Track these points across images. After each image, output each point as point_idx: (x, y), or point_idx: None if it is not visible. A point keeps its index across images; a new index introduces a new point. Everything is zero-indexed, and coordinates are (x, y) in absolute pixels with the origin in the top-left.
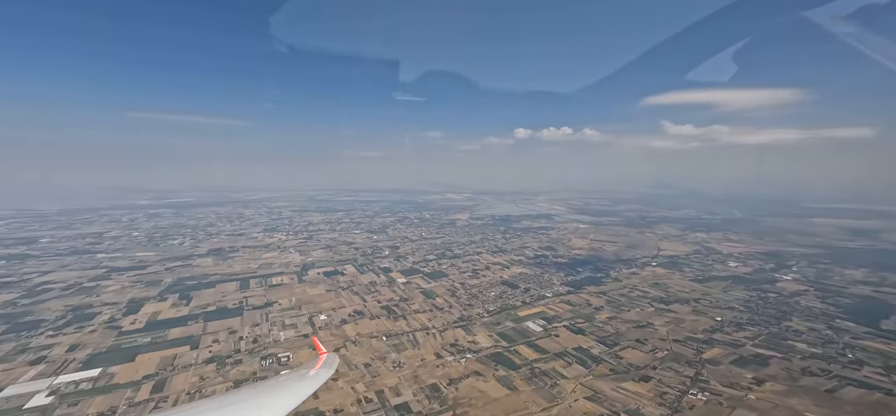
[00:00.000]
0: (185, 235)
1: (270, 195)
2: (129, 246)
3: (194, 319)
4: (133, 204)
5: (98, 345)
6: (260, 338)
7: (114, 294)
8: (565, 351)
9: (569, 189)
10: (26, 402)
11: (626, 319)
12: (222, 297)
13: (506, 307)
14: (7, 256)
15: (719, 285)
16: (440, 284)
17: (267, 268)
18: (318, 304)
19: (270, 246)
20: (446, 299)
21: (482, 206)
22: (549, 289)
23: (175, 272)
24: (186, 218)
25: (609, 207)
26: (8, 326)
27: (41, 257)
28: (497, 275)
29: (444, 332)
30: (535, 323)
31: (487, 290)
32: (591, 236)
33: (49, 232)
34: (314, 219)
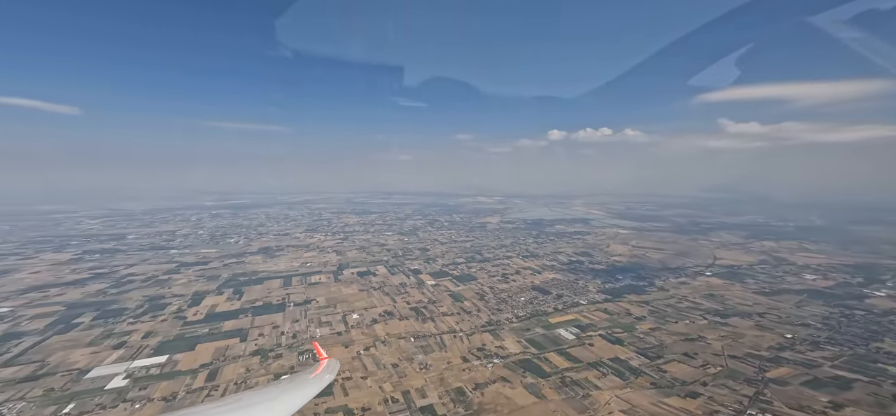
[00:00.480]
0: (240, 234)
1: (312, 198)
2: (195, 243)
3: (244, 312)
4: (200, 205)
5: (167, 333)
6: (298, 334)
7: (181, 287)
8: (600, 361)
9: (607, 193)
10: (107, 383)
11: (673, 331)
12: (268, 293)
13: (536, 313)
14: (101, 250)
15: (791, 299)
16: (469, 287)
17: (307, 267)
18: (351, 303)
19: (311, 246)
20: (474, 302)
21: (513, 209)
22: (583, 296)
23: (231, 268)
24: (242, 218)
25: (654, 211)
26: (98, 312)
27: (127, 252)
28: (527, 280)
29: (472, 336)
30: (568, 331)
31: (517, 295)
32: (632, 242)
33: (134, 230)
34: (350, 220)
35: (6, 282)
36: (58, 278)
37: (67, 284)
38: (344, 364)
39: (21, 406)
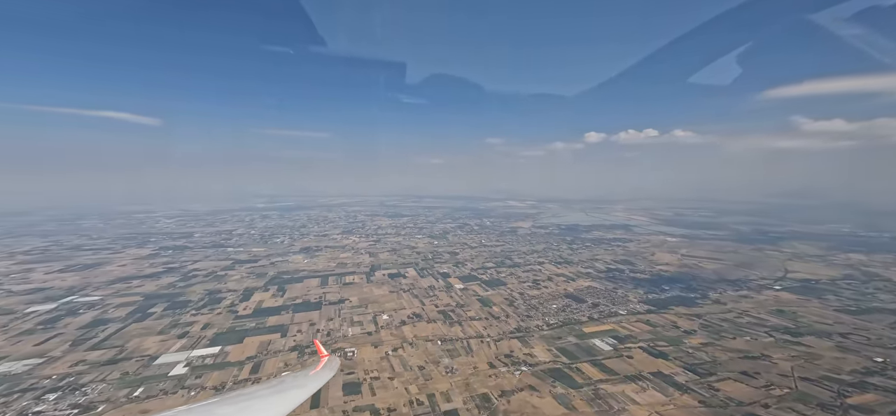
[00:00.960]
0: (285, 234)
1: (348, 200)
2: (247, 242)
3: (286, 309)
4: (252, 207)
5: (221, 326)
6: (332, 332)
7: (235, 283)
8: (639, 375)
9: (652, 198)
10: (171, 370)
11: (730, 347)
12: (307, 291)
13: (569, 322)
14: (173, 247)
15: (884, 319)
16: (498, 292)
17: (342, 267)
18: (381, 304)
19: (346, 247)
20: (503, 308)
21: (546, 214)
22: (623, 306)
23: (276, 267)
24: (287, 219)
25: (710, 218)
26: (168, 304)
27: (193, 249)
28: (560, 287)
29: (499, 342)
30: (604, 341)
31: (549, 302)
32: (682, 250)
33: (200, 228)
34: (383, 223)
35: (99, 273)
36: (139, 271)
37: (146, 276)
38: (372, 364)
39: (102, 387)
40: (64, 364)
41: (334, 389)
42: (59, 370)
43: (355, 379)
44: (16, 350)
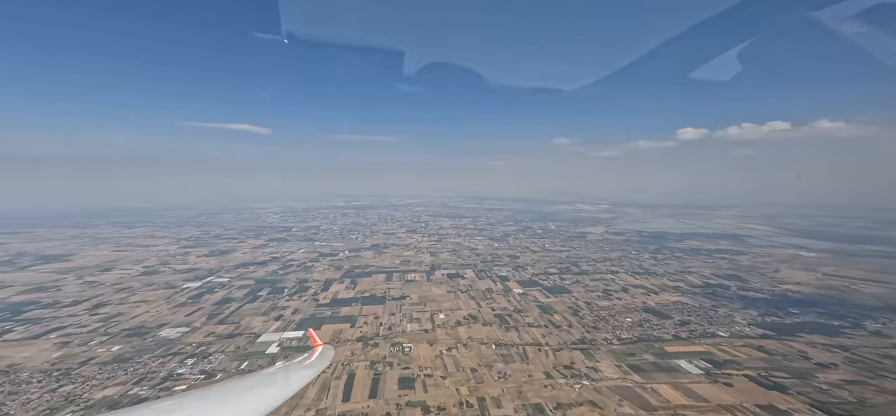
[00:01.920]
0: (359, 231)
1: (413, 201)
2: (330, 237)
3: (356, 302)
4: (335, 205)
5: (306, 312)
6: (393, 327)
7: (318, 273)
8: (740, 406)
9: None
10: (267, 348)
11: (890, 390)
12: (374, 285)
13: (646, 338)
14: (277, 239)
15: None
16: (560, 300)
17: (405, 265)
18: (439, 303)
19: (410, 246)
20: (566, 316)
21: (624, 219)
22: (724, 327)
23: (351, 261)
24: (362, 218)
25: (871, 230)
26: (271, 289)
27: (291, 242)
28: (638, 299)
29: (559, 352)
30: (692, 363)
31: (622, 315)
32: (825, 268)
33: (296, 224)
34: (444, 224)
35: (229, 259)
36: (254, 258)
37: (258, 264)
38: (427, 361)
39: (221, 358)
40: (200, 335)
41: (391, 381)
42: (196, 339)
43: (410, 374)
44: (173, 319)
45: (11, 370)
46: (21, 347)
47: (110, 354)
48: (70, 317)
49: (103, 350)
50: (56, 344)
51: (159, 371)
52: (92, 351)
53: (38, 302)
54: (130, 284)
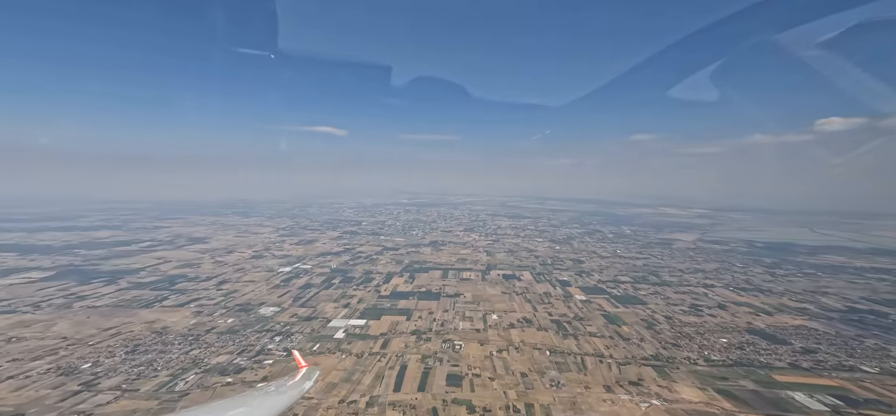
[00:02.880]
0: (419, 228)
1: (472, 199)
2: (393, 233)
3: (412, 296)
4: (398, 202)
5: (369, 302)
6: (445, 323)
7: (382, 266)
8: None
9: None
10: (335, 333)
11: None
12: (430, 281)
13: (745, 362)
14: (350, 232)
15: None
16: (632, 311)
17: (461, 263)
18: (492, 303)
19: (467, 244)
20: (637, 329)
21: (727, 226)
22: (871, 360)
23: (411, 256)
24: (422, 215)
25: None
26: (342, 278)
27: (361, 235)
28: (740, 318)
29: (625, 366)
30: (812, 397)
31: (714, 334)
32: None
33: (367, 219)
34: (502, 223)
35: (312, 248)
36: (331, 248)
37: (334, 254)
38: (476, 361)
39: (300, 338)
40: (287, 315)
41: (439, 377)
42: (283, 318)
43: (459, 372)
44: (269, 299)
45: (164, 331)
46: (172, 312)
47: (226, 325)
48: (204, 290)
49: (221, 321)
50: (193, 312)
51: (256, 345)
52: (214, 321)
53: (185, 276)
54: (244, 265)
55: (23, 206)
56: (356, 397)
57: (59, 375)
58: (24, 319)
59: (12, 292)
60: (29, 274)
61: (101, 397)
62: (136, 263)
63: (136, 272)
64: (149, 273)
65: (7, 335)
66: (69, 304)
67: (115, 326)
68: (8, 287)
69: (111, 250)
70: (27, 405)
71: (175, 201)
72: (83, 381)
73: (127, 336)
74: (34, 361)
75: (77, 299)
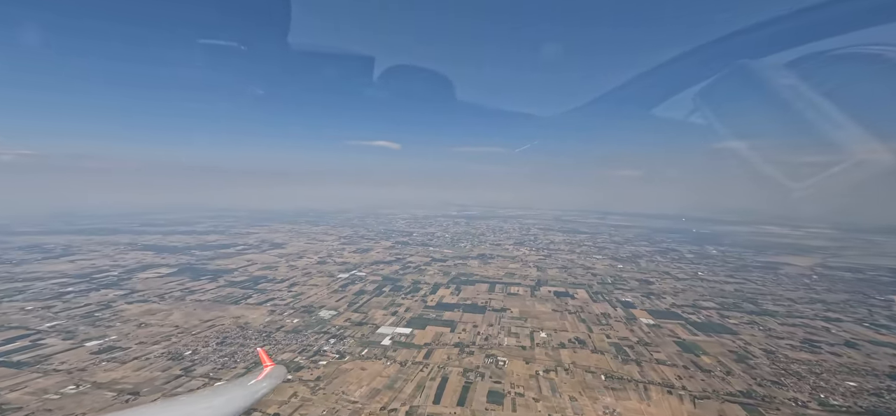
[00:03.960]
0: (467, 240)
1: (523, 213)
2: (441, 244)
3: (458, 307)
4: (448, 214)
5: (415, 311)
6: (490, 338)
7: (429, 277)
8: None
9: None
10: (382, 340)
11: None
12: (476, 294)
13: (882, 411)
14: (401, 242)
15: None
16: (716, 340)
17: (509, 277)
18: (541, 320)
19: (516, 258)
20: (723, 361)
21: (865, 251)
22: None
23: (458, 268)
24: (471, 227)
25: None
26: (391, 286)
27: (411, 246)
28: (879, 361)
29: (702, 400)
30: None
31: (836, 375)
32: None
33: (416, 230)
34: (556, 239)
35: (368, 256)
36: (383, 257)
37: (386, 262)
38: (520, 379)
39: (350, 342)
40: (342, 319)
41: (480, 392)
42: (338, 322)
43: (501, 389)
44: (328, 302)
45: (245, 327)
46: (253, 309)
47: (291, 325)
48: (278, 291)
49: (289, 321)
50: (268, 311)
51: (314, 346)
52: (283, 320)
53: (265, 277)
54: (310, 270)
55: (163, 212)
56: (397, 405)
57: (168, 359)
58: (152, 307)
59: (147, 284)
60: (159, 270)
61: (193, 383)
62: (232, 264)
63: (230, 272)
64: (240, 274)
65: (139, 321)
66: (183, 297)
67: (211, 318)
68: (144, 280)
69: (216, 251)
70: (142, 384)
71: (263, 210)
72: (184, 366)
73: (219, 329)
74: (153, 345)
75: (189, 292)
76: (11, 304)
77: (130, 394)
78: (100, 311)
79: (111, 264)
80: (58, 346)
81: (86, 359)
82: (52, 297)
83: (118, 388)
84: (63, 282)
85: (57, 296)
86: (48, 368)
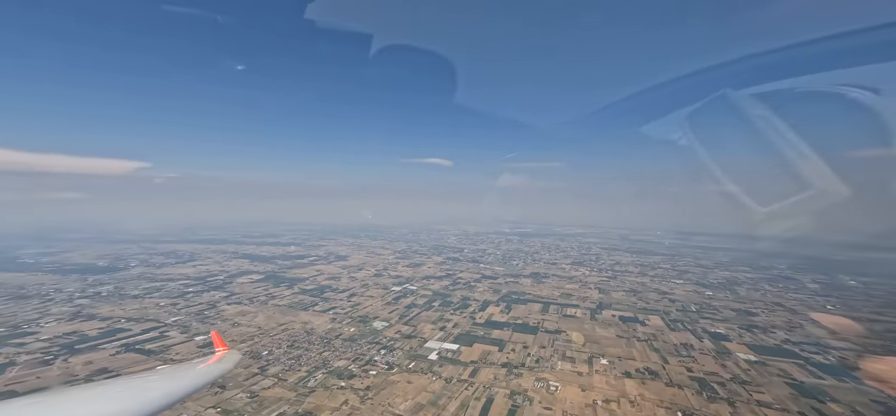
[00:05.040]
0: (520, 258)
1: (583, 231)
2: (493, 261)
3: (507, 326)
4: (501, 231)
5: (463, 327)
6: (541, 360)
7: (479, 294)
8: None
9: None
10: (429, 355)
11: None
12: (528, 314)
13: None
14: (451, 258)
15: None
16: (853, 387)
17: (566, 298)
18: (603, 346)
19: (574, 279)
20: (864, 412)
21: None
22: None
23: (509, 286)
24: (524, 245)
25: None
26: (441, 301)
27: (462, 262)
28: None
29: None
30: None
31: None
32: None
33: (468, 246)
34: (622, 259)
35: (419, 271)
36: (434, 273)
37: (436, 278)
38: (574, 408)
39: (399, 354)
40: (393, 331)
41: None
42: (390, 334)
43: None
44: (382, 314)
45: (311, 332)
46: (318, 316)
47: (348, 333)
48: (339, 300)
49: (346, 329)
50: (330, 319)
51: (366, 355)
52: (342, 328)
53: (330, 287)
54: (368, 281)
55: (257, 226)
56: None
57: (250, 357)
58: (243, 309)
59: (242, 288)
60: (252, 276)
61: (265, 381)
62: (304, 273)
63: (303, 281)
64: (310, 283)
65: (233, 320)
66: (266, 301)
67: (285, 322)
68: (240, 284)
69: (293, 261)
70: (229, 379)
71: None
72: (260, 365)
73: (290, 333)
74: (241, 343)
75: (271, 297)
76: (151, 300)
77: (219, 387)
78: (207, 309)
79: (219, 270)
80: (176, 338)
81: (193, 352)
82: (178, 296)
83: None
84: (186, 283)
85: (181, 295)
86: (167, 357)
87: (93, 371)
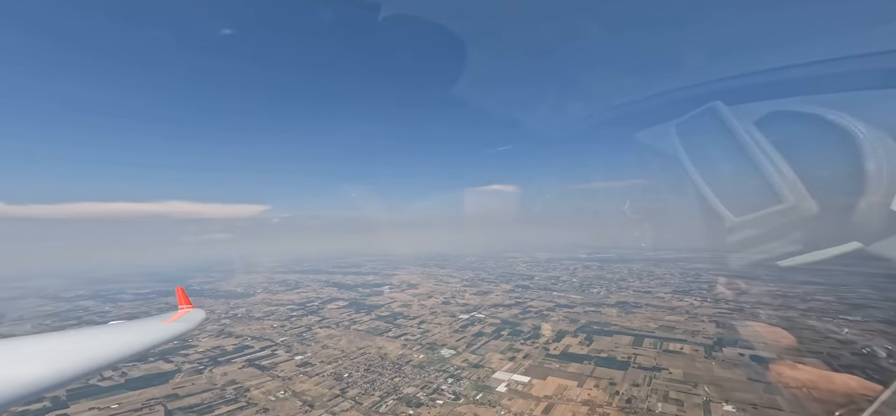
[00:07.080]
0: (601, 285)
1: (686, 256)
2: (568, 289)
3: (588, 359)
4: (576, 256)
5: (535, 359)
6: (633, 399)
7: (553, 323)
8: None
9: None
10: (497, 386)
11: None
12: (615, 347)
13: None
14: (522, 286)
15: None
16: None
17: (667, 331)
18: (724, 389)
19: (677, 309)
20: None
21: None
22: None
23: (588, 316)
24: (606, 271)
25: None
26: (510, 330)
27: (532, 289)
28: None
29: None
30: None
31: None
32: None
33: (539, 273)
34: (751, 288)
35: (487, 299)
36: (502, 300)
37: (505, 305)
38: None
39: (466, 383)
40: (459, 359)
41: None
42: (457, 362)
43: None
44: (449, 341)
45: (384, 357)
46: (391, 342)
47: (417, 360)
48: (410, 327)
49: (416, 356)
50: (402, 344)
51: (433, 383)
52: (412, 355)
53: (403, 313)
54: (436, 309)
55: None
56: None
57: (333, 378)
58: (332, 332)
59: (331, 313)
60: (339, 302)
61: (344, 403)
62: (381, 300)
63: (379, 308)
64: (385, 309)
65: (323, 343)
66: (349, 326)
67: (364, 347)
68: (330, 310)
69: (372, 289)
70: (316, 398)
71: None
72: (341, 387)
73: (367, 357)
74: (328, 364)
75: (353, 323)
76: (268, 321)
77: (308, 405)
78: (305, 332)
79: (315, 296)
80: (282, 357)
81: (293, 371)
82: (286, 319)
83: (304, 399)
84: (292, 307)
85: (288, 318)
86: (274, 374)
87: (226, 382)
